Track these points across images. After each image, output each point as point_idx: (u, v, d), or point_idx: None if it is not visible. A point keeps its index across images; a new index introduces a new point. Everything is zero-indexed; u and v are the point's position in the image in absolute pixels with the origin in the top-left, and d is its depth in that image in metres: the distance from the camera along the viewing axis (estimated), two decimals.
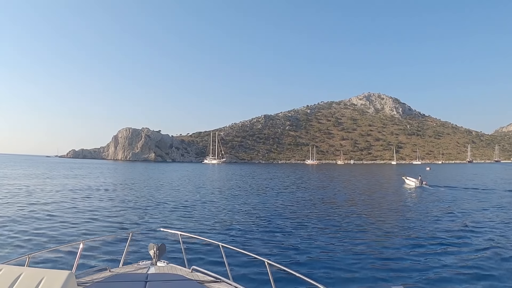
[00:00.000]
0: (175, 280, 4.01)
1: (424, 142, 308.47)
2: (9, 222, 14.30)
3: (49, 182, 35.92)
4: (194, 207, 19.33)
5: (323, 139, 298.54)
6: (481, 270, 8.78)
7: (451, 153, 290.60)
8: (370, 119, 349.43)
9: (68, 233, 12.63)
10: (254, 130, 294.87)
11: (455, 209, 19.57)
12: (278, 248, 10.91)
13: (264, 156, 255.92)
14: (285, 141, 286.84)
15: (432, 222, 15.61)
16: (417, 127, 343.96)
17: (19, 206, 18.48)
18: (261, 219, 15.83)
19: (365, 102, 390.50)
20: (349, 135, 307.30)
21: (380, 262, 9.41)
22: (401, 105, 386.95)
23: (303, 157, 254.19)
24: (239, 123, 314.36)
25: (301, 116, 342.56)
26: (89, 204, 20.23)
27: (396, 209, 20.00)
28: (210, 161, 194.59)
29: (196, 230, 13.05)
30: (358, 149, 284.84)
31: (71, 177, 45.88)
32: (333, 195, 27.65)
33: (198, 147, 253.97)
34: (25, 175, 46.44)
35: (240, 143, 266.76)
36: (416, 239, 12.19)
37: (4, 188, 28.20)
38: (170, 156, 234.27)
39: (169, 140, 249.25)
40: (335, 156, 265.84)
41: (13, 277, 2.58)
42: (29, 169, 66.68)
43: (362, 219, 16.26)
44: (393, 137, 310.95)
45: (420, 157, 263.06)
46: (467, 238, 12.43)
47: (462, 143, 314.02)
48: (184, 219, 15.85)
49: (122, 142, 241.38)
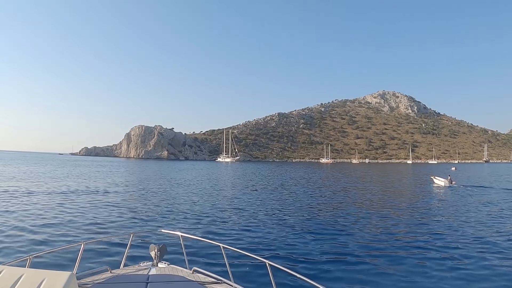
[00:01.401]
0: (176, 281, 4.04)
1: (439, 141, 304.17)
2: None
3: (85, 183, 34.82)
4: (217, 214, 17.50)
5: (337, 138, 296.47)
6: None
7: (467, 153, 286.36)
8: (385, 117, 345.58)
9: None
10: (268, 128, 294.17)
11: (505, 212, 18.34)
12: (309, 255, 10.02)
13: (278, 155, 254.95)
14: (299, 139, 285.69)
15: (489, 225, 14.55)
16: (433, 125, 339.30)
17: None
18: (287, 226, 14.13)
19: (380, 100, 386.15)
20: (364, 133, 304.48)
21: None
22: (416, 104, 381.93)
23: (317, 156, 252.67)
24: (253, 121, 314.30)
25: (315, 114, 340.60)
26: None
27: (437, 210, 18.98)
28: (223, 159, 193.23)
29: (218, 238, 11.89)
30: (373, 148, 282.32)
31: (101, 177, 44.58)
32: (364, 196, 25.72)
33: (211, 145, 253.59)
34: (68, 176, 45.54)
35: (254, 141, 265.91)
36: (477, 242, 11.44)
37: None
38: (183, 154, 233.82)
39: (182, 138, 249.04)
40: (349, 155, 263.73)
41: (14, 278, 2.60)
42: (62, 168, 66.04)
43: (404, 222, 15.27)
44: (408, 136, 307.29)
45: (436, 156, 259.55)
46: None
47: (478, 143, 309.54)
48: (206, 226, 14.16)
49: (134, 140, 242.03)
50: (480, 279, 8.03)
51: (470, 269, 8.71)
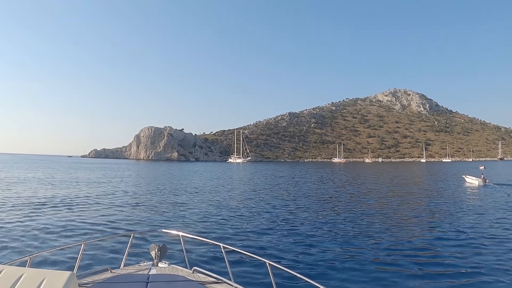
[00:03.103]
0: (177, 281, 4.06)
1: (452, 139, 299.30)
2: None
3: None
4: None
5: (349, 137, 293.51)
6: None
7: (481, 150, 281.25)
8: (397, 115, 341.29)
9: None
10: (279, 128, 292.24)
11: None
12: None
13: (290, 155, 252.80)
14: (311, 139, 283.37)
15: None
16: (445, 123, 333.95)
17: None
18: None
19: (391, 98, 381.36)
20: (376, 132, 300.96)
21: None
22: (428, 101, 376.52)
23: (330, 155, 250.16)
24: (263, 121, 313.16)
25: (326, 113, 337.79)
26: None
27: (485, 211, 17.90)
28: (235, 160, 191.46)
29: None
30: (386, 147, 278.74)
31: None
32: (405, 198, 23.00)
33: (222, 146, 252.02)
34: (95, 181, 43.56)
35: (265, 141, 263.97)
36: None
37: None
38: (194, 155, 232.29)
39: (192, 138, 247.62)
40: (362, 154, 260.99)
41: (15, 278, 2.60)
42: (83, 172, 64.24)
43: (453, 225, 14.41)
44: (421, 134, 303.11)
45: (450, 155, 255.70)
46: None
47: (491, 140, 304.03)
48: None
49: (144, 141, 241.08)
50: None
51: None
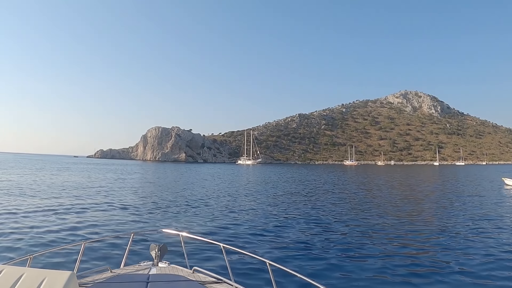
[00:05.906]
0: (177, 280, 4.09)
1: (465, 142, 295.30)
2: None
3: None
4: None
5: (360, 139, 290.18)
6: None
7: (494, 154, 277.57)
8: (408, 117, 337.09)
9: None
10: (289, 129, 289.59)
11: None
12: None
13: (300, 157, 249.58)
14: (321, 141, 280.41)
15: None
16: (457, 126, 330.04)
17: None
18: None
19: (402, 100, 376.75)
20: (387, 134, 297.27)
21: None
22: (440, 103, 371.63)
23: (341, 158, 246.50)
24: (273, 122, 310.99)
25: (336, 115, 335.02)
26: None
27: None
28: (244, 162, 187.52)
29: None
30: (398, 149, 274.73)
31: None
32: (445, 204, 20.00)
33: (231, 147, 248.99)
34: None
35: (275, 143, 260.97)
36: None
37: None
38: (202, 157, 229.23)
39: (200, 139, 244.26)
40: (373, 157, 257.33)
41: (15, 278, 2.61)
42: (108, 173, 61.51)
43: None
44: (433, 137, 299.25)
45: (463, 158, 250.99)
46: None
47: (504, 143, 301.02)
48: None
49: (151, 142, 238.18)
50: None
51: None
